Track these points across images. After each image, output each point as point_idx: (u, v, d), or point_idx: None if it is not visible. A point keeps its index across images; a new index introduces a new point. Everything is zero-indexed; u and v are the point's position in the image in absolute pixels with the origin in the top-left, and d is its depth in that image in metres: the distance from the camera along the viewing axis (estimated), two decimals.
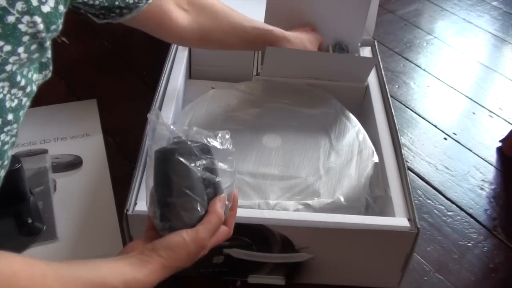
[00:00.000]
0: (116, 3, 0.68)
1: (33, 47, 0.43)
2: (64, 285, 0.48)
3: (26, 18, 0.41)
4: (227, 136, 0.62)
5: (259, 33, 0.88)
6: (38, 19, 0.42)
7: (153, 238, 0.57)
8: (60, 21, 0.46)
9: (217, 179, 0.59)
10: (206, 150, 0.59)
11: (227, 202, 0.60)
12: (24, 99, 0.45)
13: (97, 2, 0.67)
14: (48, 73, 0.51)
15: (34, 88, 0.47)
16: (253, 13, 0.94)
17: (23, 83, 0.44)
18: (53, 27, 0.45)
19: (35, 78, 0.47)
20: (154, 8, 0.74)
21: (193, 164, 0.57)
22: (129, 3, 0.70)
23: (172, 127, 0.60)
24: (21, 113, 0.46)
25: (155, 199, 0.58)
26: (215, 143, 0.61)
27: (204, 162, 0.58)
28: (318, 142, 0.86)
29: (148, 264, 0.53)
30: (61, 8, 0.46)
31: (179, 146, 0.58)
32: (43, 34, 0.43)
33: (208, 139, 0.60)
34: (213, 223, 0.57)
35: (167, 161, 0.57)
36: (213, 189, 0.59)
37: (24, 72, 0.44)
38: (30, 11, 0.41)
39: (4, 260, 0.45)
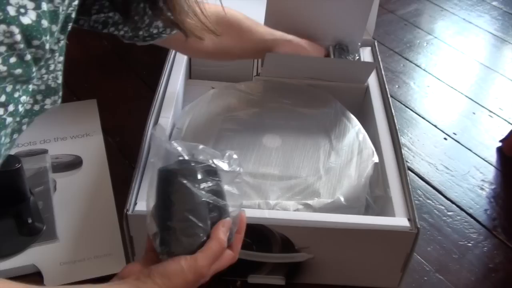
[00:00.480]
0: (140, 33, 0.70)
1: (12, 60, 0.42)
2: None
3: (2, 27, 0.40)
4: (235, 157, 0.60)
5: (277, 43, 0.90)
6: (15, 29, 0.41)
7: (152, 261, 0.55)
8: (46, 39, 0.44)
9: (222, 203, 0.57)
10: (212, 172, 0.57)
11: (232, 226, 0.58)
12: (8, 119, 0.43)
13: (121, 33, 0.70)
14: (58, 99, 0.50)
15: (20, 109, 0.45)
16: (253, 13, 0.95)
17: (3, 99, 0.42)
18: (36, 42, 0.43)
19: (23, 100, 0.45)
20: (181, 35, 0.72)
21: (197, 186, 0.55)
22: (153, 33, 0.71)
23: (176, 144, 0.58)
24: (3, 132, 0.43)
25: (155, 220, 0.56)
26: (222, 164, 0.58)
27: (209, 184, 0.56)
28: (318, 142, 0.86)
29: None
30: (45, 24, 0.43)
31: (183, 167, 0.56)
32: (21, 46, 0.42)
33: (214, 160, 0.58)
34: (214, 249, 0.55)
35: (170, 183, 0.55)
36: (218, 213, 0.56)
37: (7, 89, 0.42)
38: (7, 20, 0.40)
39: None
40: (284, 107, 0.93)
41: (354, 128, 0.89)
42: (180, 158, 0.58)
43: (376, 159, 0.83)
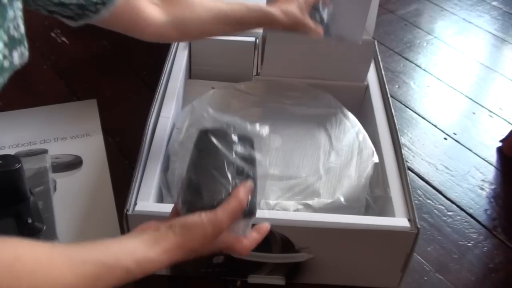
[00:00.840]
0: None
1: None
2: (73, 268, 0.46)
3: None
4: (266, 129, 0.62)
5: (241, 15, 0.79)
6: None
7: None
8: None
9: (249, 169, 0.57)
10: (247, 140, 0.59)
11: (257, 198, 0.57)
12: None
13: (74, 1, 0.64)
14: (25, 51, 0.48)
15: (1, 58, 0.44)
16: None
17: None
18: None
19: (1, 48, 0.43)
20: (124, 7, 0.70)
21: (228, 148, 0.56)
22: None
23: (213, 112, 0.61)
24: None
25: (184, 177, 0.57)
26: (258, 135, 0.60)
27: (242, 150, 0.57)
28: (318, 142, 0.86)
29: (162, 241, 0.51)
30: None
31: (220, 129, 0.58)
32: None
33: (248, 125, 0.60)
34: (232, 206, 0.54)
35: (201, 140, 0.58)
36: (244, 178, 0.57)
37: None
38: None
39: (6, 244, 0.43)
40: (284, 107, 0.93)
41: (354, 128, 0.89)
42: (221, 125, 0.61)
43: (376, 159, 0.83)
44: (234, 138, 0.58)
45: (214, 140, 0.57)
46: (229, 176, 0.56)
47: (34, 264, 0.43)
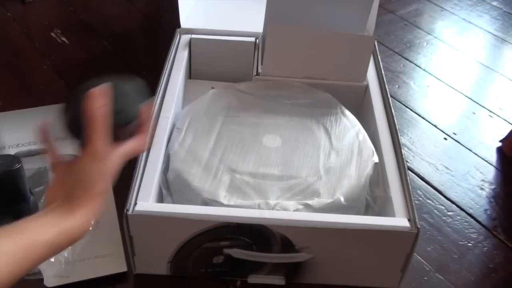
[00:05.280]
0: None
1: None
2: None
3: None
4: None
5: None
6: None
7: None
8: None
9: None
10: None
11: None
12: None
13: None
14: None
15: None
16: (253, 12, 0.95)
17: None
18: None
19: None
20: None
21: None
22: None
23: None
24: None
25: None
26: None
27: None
28: (318, 142, 0.86)
29: (77, 208, 0.51)
30: None
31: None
32: None
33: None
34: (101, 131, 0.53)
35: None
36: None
37: None
38: None
39: None
40: (284, 107, 0.93)
41: (354, 128, 0.89)
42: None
43: (376, 159, 0.83)
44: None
45: None
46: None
47: None
